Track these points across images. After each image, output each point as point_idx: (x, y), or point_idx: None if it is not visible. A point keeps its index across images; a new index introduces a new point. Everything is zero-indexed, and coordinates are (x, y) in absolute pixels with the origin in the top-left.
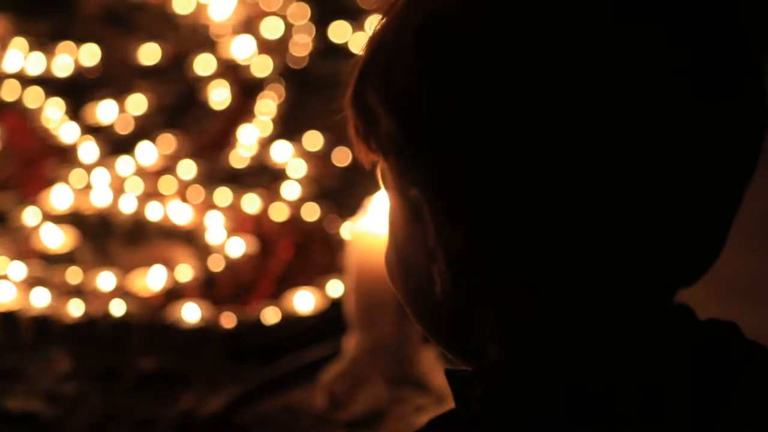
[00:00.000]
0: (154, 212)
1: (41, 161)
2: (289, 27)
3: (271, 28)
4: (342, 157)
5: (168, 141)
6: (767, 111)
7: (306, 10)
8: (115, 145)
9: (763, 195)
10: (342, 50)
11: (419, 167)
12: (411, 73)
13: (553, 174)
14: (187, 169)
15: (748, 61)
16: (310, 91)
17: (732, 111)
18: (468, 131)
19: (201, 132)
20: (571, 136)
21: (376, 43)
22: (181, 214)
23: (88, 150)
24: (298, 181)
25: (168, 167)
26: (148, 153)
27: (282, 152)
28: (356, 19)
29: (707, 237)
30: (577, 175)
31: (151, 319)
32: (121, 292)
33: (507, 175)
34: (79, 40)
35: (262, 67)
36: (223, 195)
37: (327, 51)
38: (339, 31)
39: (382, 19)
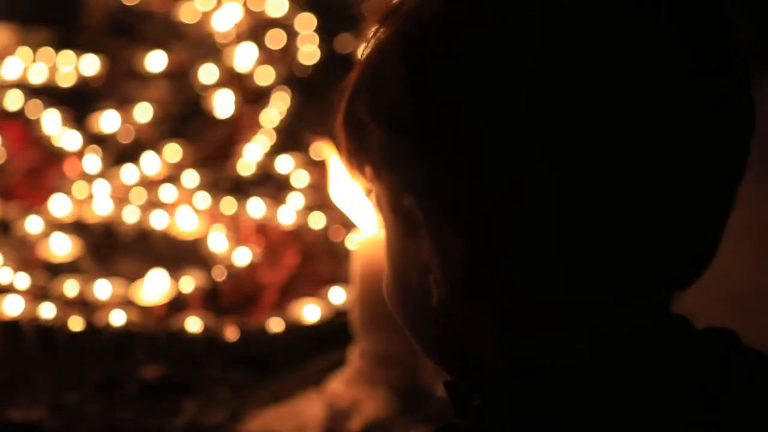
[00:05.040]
0: (158, 222)
1: (45, 171)
2: (293, 36)
3: (276, 37)
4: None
5: (172, 150)
6: (753, 116)
7: (311, 20)
8: (119, 154)
9: (764, 202)
10: (347, 59)
11: (412, 175)
12: (398, 81)
13: (549, 179)
14: (192, 178)
15: (737, 67)
16: (315, 100)
17: (723, 114)
18: (457, 136)
19: (205, 141)
20: (568, 141)
21: (363, 63)
22: (185, 224)
23: (92, 159)
24: (303, 190)
25: (172, 176)
26: (152, 162)
27: (286, 161)
28: (361, 28)
29: (701, 239)
30: (576, 179)
31: (154, 329)
32: (124, 301)
33: (500, 178)
34: (83, 49)
35: (267, 76)
36: (228, 204)
37: (332, 60)
38: (344, 40)
39: (368, 43)
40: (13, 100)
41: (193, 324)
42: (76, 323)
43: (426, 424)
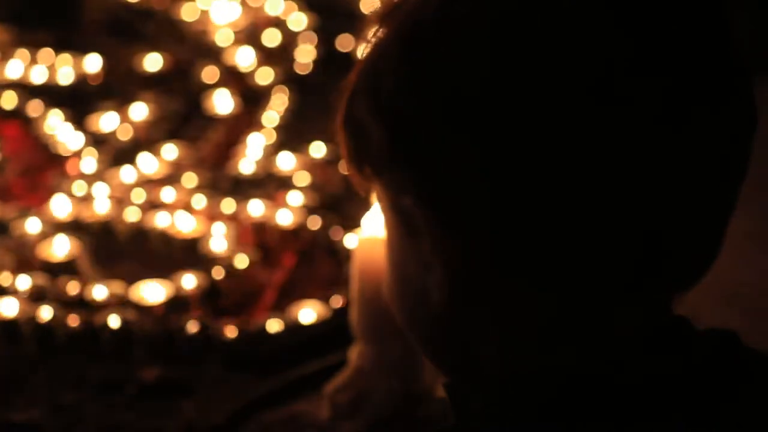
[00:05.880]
0: (157, 222)
1: (43, 170)
2: (293, 35)
3: (275, 37)
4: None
5: (171, 150)
6: (755, 116)
7: (310, 18)
8: (118, 154)
9: (765, 203)
10: (347, 58)
11: (411, 174)
12: (397, 80)
13: (546, 179)
14: (191, 178)
15: (735, 69)
16: (315, 99)
17: (722, 116)
18: (455, 136)
19: (205, 141)
20: (563, 141)
21: (363, 63)
22: (184, 224)
23: (91, 160)
24: (303, 189)
25: (172, 176)
26: (151, 162)
27: (286, 161)
28: (361, 26)
29: (702, 241)
30: (571, 179)
31: (153, 330)
32: (123, 302)
33: (498, 181)
34: (83, 49)
35: (266, 75)
36: (227, 204)
37: (331, 59)
38: (344, 39)
39: (367, 43)
40: (12, 100)
41: (193, 324)
42: (74, 324)
43: (425, 426)
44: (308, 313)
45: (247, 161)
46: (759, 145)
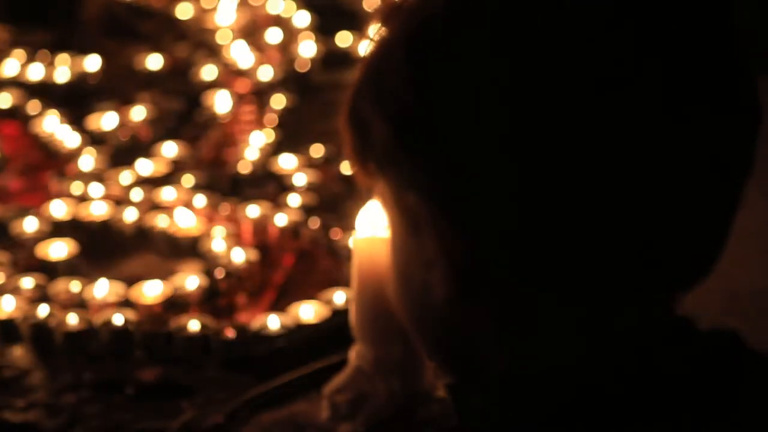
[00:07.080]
0: (156, 222)
1: (42, 170)
2: (293, 34)
3: (275, 35)
4: (347, 164)
5: (171, 150)
6: (759, 116)
7: (310, 17)
8: (118, 154)
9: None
10: (347, 57)
11: (415, 172)
12: (401, 77)
13: (549, 178)
14: (190, 178)
15: (740, 68)
16: (315, 98)
17: (725, 115)
18: (458, 133)
19: (205, 140)
20: (566, 140)
21: (367, 61)
22: (184, 224)
23: (90, 159)
24: (302, 189)
25: (171, 176)
26: (150, 162)
27: (286, 161)
28: (361, 25)
29: (705, 241)
30: (573, 179)
31: (152, 330)
32: (122, 302)
33: (500, 177)
34: (81, 48)
35: (266, 74)
36: (227, 204)
37: (332, 57)
38: (343, 38)
39: (371, 41)
40: (11, 100)
41: (192, 324)
42: (73, 323)
43: (425, 426)
44: (308, 312)
45: (247, 161)
46: (762, 145)
